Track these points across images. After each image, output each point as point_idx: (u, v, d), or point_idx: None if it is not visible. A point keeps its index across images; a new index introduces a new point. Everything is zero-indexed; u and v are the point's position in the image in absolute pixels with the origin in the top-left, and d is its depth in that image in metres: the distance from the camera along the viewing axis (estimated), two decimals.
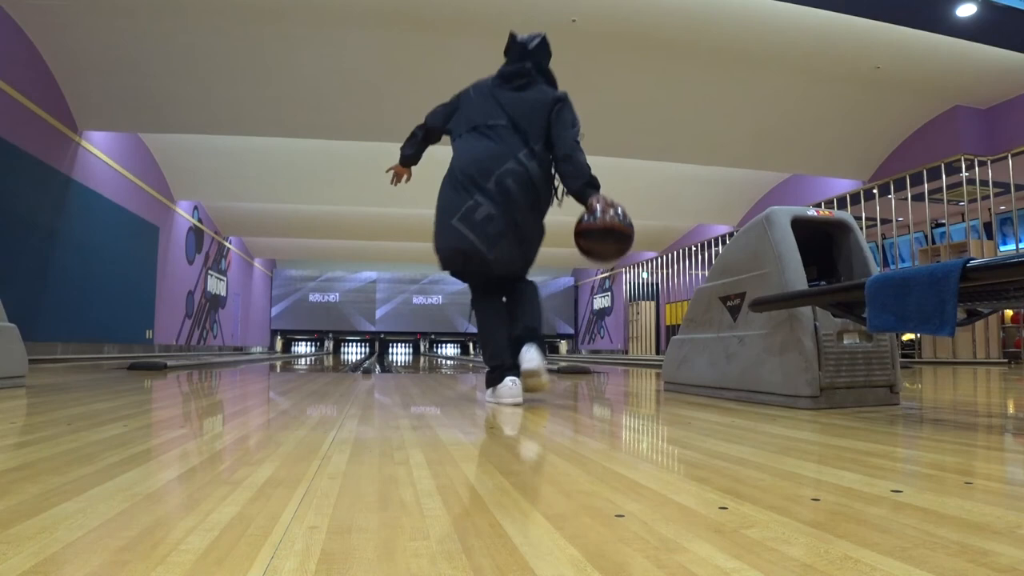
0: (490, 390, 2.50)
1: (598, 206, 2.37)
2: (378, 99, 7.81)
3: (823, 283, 2.46)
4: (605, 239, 2.39)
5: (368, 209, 12.14)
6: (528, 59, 2.65)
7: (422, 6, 6.27)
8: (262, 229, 14.60)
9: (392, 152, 2.91)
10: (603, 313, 18.94)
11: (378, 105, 7.92)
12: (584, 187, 2.45)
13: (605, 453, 1.32)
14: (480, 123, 2.59)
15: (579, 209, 2.43)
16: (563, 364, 6.41)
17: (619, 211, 2.38)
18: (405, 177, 2.93)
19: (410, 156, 2.86)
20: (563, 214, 2.67)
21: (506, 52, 2.70)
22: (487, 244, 2.45)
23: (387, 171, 2.96)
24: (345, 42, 6.83)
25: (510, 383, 2.40)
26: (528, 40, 2.66)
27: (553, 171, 2.58)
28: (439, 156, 2.77)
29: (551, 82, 2.72)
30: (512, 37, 2.69)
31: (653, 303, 14.49)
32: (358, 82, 7.49)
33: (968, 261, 1.49)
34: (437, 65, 7.19)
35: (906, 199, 8.11)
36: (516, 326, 2.53)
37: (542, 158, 2.55)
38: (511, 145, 2.52)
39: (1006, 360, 7.37)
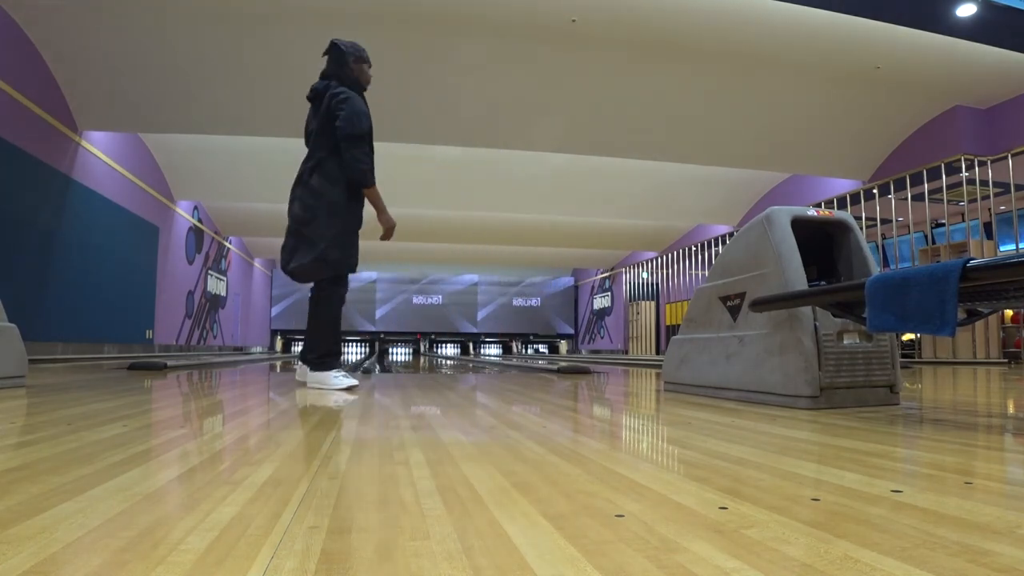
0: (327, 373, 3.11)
1: None
2: (377, 99, 7.79)
3: (823, 283, 2.46)
4: None
5: (367, 209, 12.13)
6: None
7: (422, 6, 6.27)
8: (262, 229, 14.58)
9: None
10: (603, 313, 18.94)
11: (377, 105, 7.89)
12: None
13: (605, 453, 1.32)
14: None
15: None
16: (563, 364, 6.40)
17: None
18: None
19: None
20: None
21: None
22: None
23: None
24: None
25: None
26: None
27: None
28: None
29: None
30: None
31: (653, 303, 14.49)
32: None
33: (968, 261, 1.49)
34: (437, 65, 7.19)
35: (906, 199, 8.11)
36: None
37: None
38: None
39: (1006, 360, 7.36)
